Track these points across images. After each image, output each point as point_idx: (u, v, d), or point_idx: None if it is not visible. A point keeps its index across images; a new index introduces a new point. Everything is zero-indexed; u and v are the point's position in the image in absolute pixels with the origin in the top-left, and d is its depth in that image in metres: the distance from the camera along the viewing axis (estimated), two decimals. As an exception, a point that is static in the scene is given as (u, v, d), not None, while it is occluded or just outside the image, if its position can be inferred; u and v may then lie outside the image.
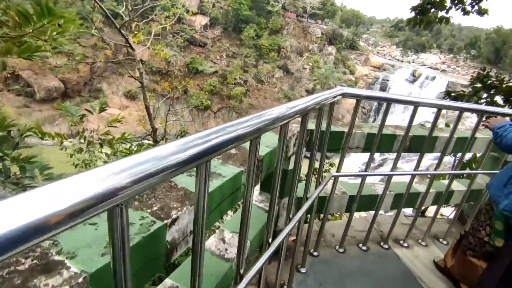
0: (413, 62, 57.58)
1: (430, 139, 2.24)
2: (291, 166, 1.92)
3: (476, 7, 5.25)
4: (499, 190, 1.80)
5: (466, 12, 5.32)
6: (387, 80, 43.99)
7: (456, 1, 5.17)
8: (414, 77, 45.05)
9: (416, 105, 2.03)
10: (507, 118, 2.03)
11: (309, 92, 41.35)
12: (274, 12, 46.13)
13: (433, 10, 5.35)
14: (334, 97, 1.60)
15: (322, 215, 2.36)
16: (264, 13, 46.59)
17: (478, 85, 4.48)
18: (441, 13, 5.43)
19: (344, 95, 1.71)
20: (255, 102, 43.22)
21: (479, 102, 4.42)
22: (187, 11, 42.50)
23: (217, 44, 46.14)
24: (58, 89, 36.57)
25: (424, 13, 5.39)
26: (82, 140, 3.96)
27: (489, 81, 4.33)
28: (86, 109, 3.78)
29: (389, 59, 55.05)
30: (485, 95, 4.51)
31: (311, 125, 1.85)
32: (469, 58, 59.96)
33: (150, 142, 8.18)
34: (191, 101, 42.50)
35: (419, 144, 2.33)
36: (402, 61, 56.20)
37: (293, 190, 1.59)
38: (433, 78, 43.76)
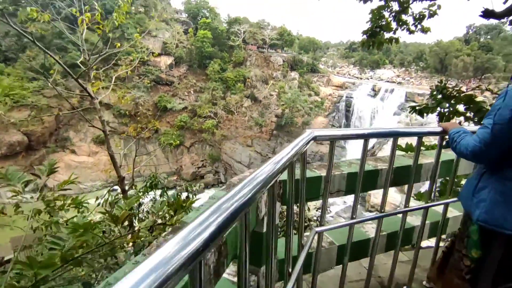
0: (371, 78, 61.25)
1: (415, 168, 2.00)
2: (265, 229, 1.56)
3: (419, 26, 5.70)
4: (469, 200, 1.73)
5: (411, 32, 5.76)
6: (351, 97, 46.00)
7: (400, 23, 5.60)
8: (374, 92, 47.56)
9: (396, 136, 1.79)
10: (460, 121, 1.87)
11: (279, 116, 42.12)
12: (235, 46, 47.75)
13: (382, 32, 5.77)
14: (307, 143, 1.32)
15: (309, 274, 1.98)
16: (226, 48, 48.09)
17: (439, 96, 4.61)
18: (389, 34, 5.87)
19: (316, 139, 1.43)
20: (227, 133, 43.18)
21: (443, 112, 4.53)
22: (151, 53, 42.96)
23: (184, 81, 46.47)
24: (22, 143, 34.89)
25: (375, 36, 5.78)
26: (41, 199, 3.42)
27: (448, 92, 4.47)
28: (32, 174, 3.29)
29: (349, 78, 58.16)
30: (447, 105, 4.68)
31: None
32: (419, 70, 65.02)
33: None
34: (163, 139, 41.66)
35: (404, 175, 2.08)
36: (361, 78, 59.57)
37: (271, 257, 1.24)
38: (392, 90, 46.43)
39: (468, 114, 4.27)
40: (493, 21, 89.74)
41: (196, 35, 45.95)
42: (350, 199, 31.72)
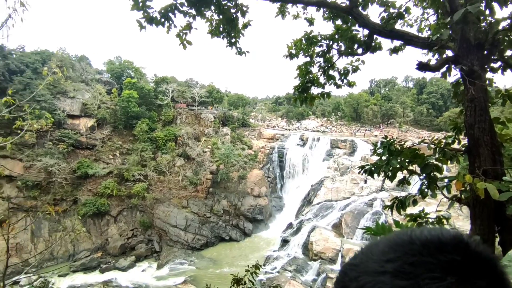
0: (298, 128, 66.07)
1: None
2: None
3: (345, 81, 6.02)
4: None
5: (338, 86, 6.04)
6: (283, 148, 48.11)
7: (329, 79, 5.93)
8: (303, 141, 50.89)
9: None
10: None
11: (214, 173, 41.09)
12: (164, 105, 47.23)
13: (312, 87, 5.94)
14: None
15: None
16: (154, 107, 47.19)
17: (387, 153, 4.48)
18: (318, 89, 6.10)
19: None
20: (159, 195, 40.02)
21: (391, 170, 4.30)
22: (68, 116, 39.33)
23: (108, 143, 43.10)
24: None
25: (307, 91, 5.90)
26: None
27: (394, 148, 4.35)
28: None
29: (278, 130, 61.74)
30: (397, 163, 4.49)
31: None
32: (338, 119, 72.95)
33: None
34: (84, 210, 36.37)
35: None
36: (289, 129, 63.77)
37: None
38: (318, 139, 50.30)
39: (410, 168, 4.14)
40: (388, 76, 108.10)
41: (121, 95, 44.34)
42: (293, 250, 30.82)
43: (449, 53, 4.29)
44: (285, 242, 32.81)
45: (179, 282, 29.18)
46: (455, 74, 4.28)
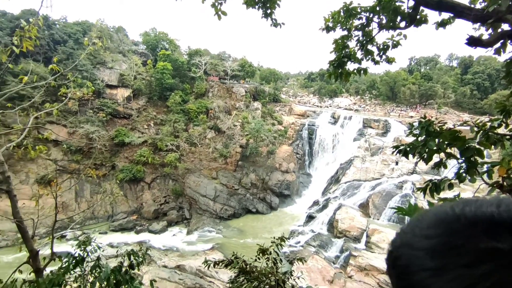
0: (330, 106, 64.27)
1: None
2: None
3: (384, 57, 5.69)
4: None
5: (376, 62, 5.72)
6: (313, 125, 47.32)
7: (367, 54, 5.61)
8: (334, 119, 49.63)
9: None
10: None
11: (243, 147, 41.69)
12: (197, 78, 47.69)
13: (348, 62, 5.66)
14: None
15: None
16: (187, 79, 47.82)
17: (424, 134, 4.21)
18: (354, 65, 5.78)
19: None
20: (190, 166, 41.58)
21: (427, 151, 4.07)
22: (106, 86, 41.09)
23: (143, 113, 44.84)
24: None
25: (342, 66, 5.63)
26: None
27: (432, 129, 4.08)
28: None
29: (310, 106, 60.46)
30: (434, 145, 4.30)
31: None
32: (373, 97, 69.74)
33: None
34: (121, 176, 38.89)
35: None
36: (321, 107, 62.25)
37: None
38: (350, 117, 48.78)
39: (448, 150, 3.92)
40: (430, 54, 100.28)
41: (156, 66, 45.27)
42: (318, 226, 31.08)
43: (506, 27, 3.86)
44: (310, 218, 33.22)
45: (207, 248, 30.80)
46: (510, 51, 3.85)
